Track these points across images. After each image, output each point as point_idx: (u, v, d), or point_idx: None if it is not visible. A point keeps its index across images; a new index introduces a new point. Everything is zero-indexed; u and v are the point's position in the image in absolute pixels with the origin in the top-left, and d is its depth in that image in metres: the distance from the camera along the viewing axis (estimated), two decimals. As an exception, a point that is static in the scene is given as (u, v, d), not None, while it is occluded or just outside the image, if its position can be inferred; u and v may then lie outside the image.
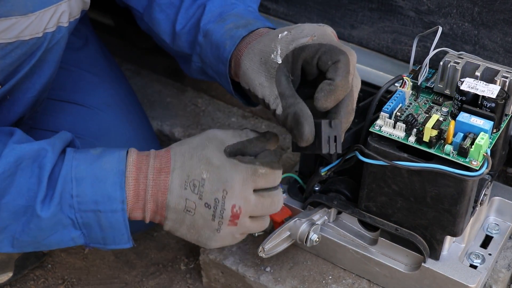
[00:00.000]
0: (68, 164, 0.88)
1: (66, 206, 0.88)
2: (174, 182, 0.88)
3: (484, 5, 1.08)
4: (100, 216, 0.88)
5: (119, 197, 0.87)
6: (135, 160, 0.90)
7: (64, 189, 0.87)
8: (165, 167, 0.89)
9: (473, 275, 0.99)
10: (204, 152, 0.89)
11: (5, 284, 1.24)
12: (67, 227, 0.89)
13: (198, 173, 0.88)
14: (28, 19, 0.90)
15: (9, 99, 1.00)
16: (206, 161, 0.88)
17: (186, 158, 0.89)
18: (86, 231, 0.90)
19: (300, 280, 1.07)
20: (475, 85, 0.92)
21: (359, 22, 1.22)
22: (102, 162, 0.88)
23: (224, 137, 0.91)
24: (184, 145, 0.91)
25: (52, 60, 0.99)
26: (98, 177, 0.87)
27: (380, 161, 0.93)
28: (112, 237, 0.91)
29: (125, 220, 0.89)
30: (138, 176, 0.89)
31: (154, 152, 0.92)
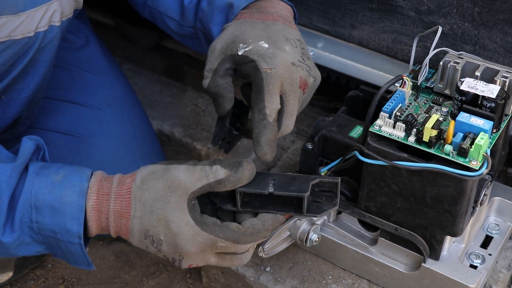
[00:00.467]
0: (28, 191, 0.85)
1: (26, 228, 0.86)
2: (135, 229, 0.86)
3: (484, 5, 1.08)
4: (59, 242, 0.87)
5: (76, 232, 0.85)
6: (94, 203, 0.86)
7: (24, 214, 0.85)
8: (125, 212, 0.85)
9: (473, 275, 0.99)
10: (164, 211, 0.84)
11: (5, 283, 1.24)
12: (31, 244, 0.88)
13: (156, 233, 0.85)
14: (19, 18, 0.90)
15: (3, 100, 1.00)
16: (165, 223, 0.84)
17: (146, 211, 0.85)
18: (49, 246, 0.89)
19: (300, 280, 1.07)
20: (475, 85, 0.92)
21: (359, 22, 1.22)
22: (62, 195, 0.85)
23: (188, 183, 0.84)
24: (145, 191, 0.85)
25: (45, 60, 0.99)
26: (56, 209, 0.85)
27: (379, 161, 0.93)
28: (73, 259, 0.90)
29: (83, 251, 0.87)
30: (100, 217, 0.86)
31: (115, 189, 0.86)
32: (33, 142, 0.89)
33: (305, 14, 1.28)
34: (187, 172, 0.84)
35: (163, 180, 0.85)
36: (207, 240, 0.84)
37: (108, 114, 1.25)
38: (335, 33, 1.27)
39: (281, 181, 0.86)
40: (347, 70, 1.27)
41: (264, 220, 0.85)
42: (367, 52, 1.25)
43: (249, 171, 0.85)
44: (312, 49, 1.30)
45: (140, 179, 0.86)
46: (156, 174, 0.86)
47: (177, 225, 0.83)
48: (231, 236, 0.83)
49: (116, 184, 0.86)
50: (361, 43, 1.24)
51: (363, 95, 1.11)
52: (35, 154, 0.90)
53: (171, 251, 0.85)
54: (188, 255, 0.85)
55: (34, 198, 0.85)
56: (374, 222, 1.01)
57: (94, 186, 0.86)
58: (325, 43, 1.30)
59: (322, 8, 1.26)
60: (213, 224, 0.84)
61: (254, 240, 0.85)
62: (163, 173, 0.85)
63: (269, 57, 0.91)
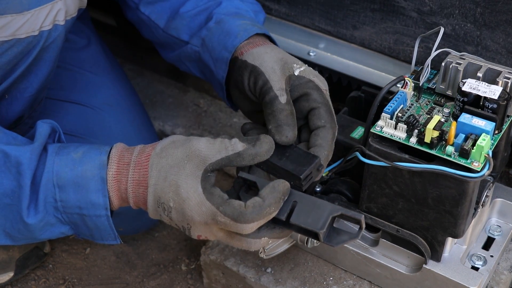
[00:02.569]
0: (50, 171, 0.86)
1: (51, 209, 0.87)
2: (150, 198, 0.87)
3: (486, 5, 1.07)
4: (85, 218, 0.88)
5: (102, 204, 0.87)
6: (114, 173, 0.87)
7: (48, 194, 0.86)
8: (143, 180, 0.87)
9: (475, 277, 0.99)
10: (177, 176, 0.84)
11: (6, 284, 1.24)
12: (55, 225, 0.89)
13: (167, 200, 0.85)
14: (24, 17, 0.90)
15: (7, 98, 1.01)
16: (175, 189, 0.84)
17: (160, 177, 0.85)
18: (74, 226, 0.90)
19: (301, 281, 1.07)
20: (477, 86, 0.92)
21: (361, 23, 1.22)
22: (84, 170, 0.86)
23: (208, 154, 0.85)
24: (163, 158, 0.86)
25: (49, 59, 0.99)
26: (80, 185, 0.86)
27: (380, 162, 0.93)
28: (99, 235, 0.91)
29: (110, 223, 0.88)
30: (120, 187, 0.88)
31: (135, 158, 0.88)
32: (48, 125, 0.91)
33: (307, 15, 1.28)
34: (208, 144, 0.85)
35: (182, 149, 0.86)
36: (209, 211, 0.83)
37: (109, 114, 1.25)
38: (337, 34, 1.27)
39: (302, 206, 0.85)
40: (348, 70, 1.27)
41: (264, 195, 0.83)
42: (369, 53, 1.25)
43: (267, 144, 0.85)
44: (314, 49, 1.30)
45: (160, 147, 0.87)
46: (176, 143, 0.87)
47: (186, 190, 0.84)
48: (230, 212, 0.82)
49: (136, 153, 0.88)
50: (363, 44, 1.24)
51: (364, 96, 1.11)
52: (51, 136, 0.91)
53: (180, 219, 0.86)
54: (195, 225, 0.86)
55: (56, 177, 0.86)
56: (376, 223, 1.01)
57: (114, 156, 0.88)
58: (327, 44, 1.29)
59: (324, 9, 1.25)
60: (218, 197, 0.84)
61: (256, 218, 0.83)
62: (183, 143, 0.87)
63: (321, 80, 0.95)
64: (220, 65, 1.01)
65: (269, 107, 0.91)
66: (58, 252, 1.30)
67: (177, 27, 1.09)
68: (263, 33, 1.02)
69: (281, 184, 0.84)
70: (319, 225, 0.83)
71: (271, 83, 0.92)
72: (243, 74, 0.96)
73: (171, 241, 1.32)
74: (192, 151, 0.85)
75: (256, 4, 1.13)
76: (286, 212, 0.85)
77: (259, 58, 0.95)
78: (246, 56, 0.97)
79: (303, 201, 0.85)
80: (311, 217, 0.84)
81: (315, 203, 0.85)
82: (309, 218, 0.84)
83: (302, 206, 0.85)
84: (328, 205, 0.85)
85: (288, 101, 0.91)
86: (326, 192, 1.06)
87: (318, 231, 0.82)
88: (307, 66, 0.96)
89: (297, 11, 1.30)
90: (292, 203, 0.85)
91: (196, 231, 0.87)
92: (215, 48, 1.03)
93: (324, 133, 0.91)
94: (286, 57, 0.96)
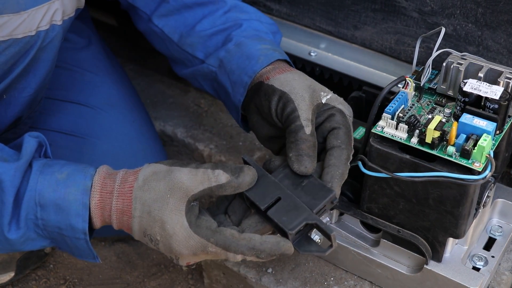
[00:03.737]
0: (32, 189, 0.86)
1: (32, 225, 0.88)
2: (135, 227, 0.88)
3: (488, 6, 1.07)
4: (65, 238, 0.89)
5: (81, 229, 0.87)
6: (97, 201, 0.87)
7: (29, 212, 0.87)
8: (126, 210, 0.87)
9: (476, 278, 0.99)
10: (161, 212, 0.85)
11: (7, 284, 1.24)
12: (36, 239, 0.90)
13: (154, 233, 0.86)
14: (21, 17, 0.90)
15: (5, 99, 1.01)
16: (161, 225, 0.85)
17: (144, 210, 0.86)
18: (54, 241, 0.91)
19: (301, 282, 1.07)
20: (478, 86, 0.92)
21: (362, 23, 1.22)
22: (66, 192, 0.87)
23: (190, 185, 0.84)
24: (146, 192, 0.86)
25: (47, 59, 0.99)
26: (61, 207, 0.86)
27: (382, 173, 0.92)
28: (79, 253, 0.91)
29: (89, 245, 0.89)
30: (103, 213, 0.88)
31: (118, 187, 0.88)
32: (35, 140, 0.91)
33: (308, 15, 1.28)
34: (190, 175, 0.85)
35: (164, 183, 0.86)
36: (198, 244, 0.84)
37: (110, 114, 1.25)
38: (338, 34, 1.26)
39: (282, 204, 0.86)
40: (349, 71, 1.27)
41: (265, 241, 0.84)
42: (370, 53, 1.25)
43: (250, 177, 0.86)
44: (314, 49, 1.30)
45: (142, 178, 0.87)
46: (158, 175, 0.87)
47: (172, 227, 0.84)
48: (221, 242, 0.84)
49: (119, 182, 0.88)
50: (364, 44, 1.24)
51: (365, 96, 1.11)
52: (38, 151, 0.91)
53: (168, 251, 0.87)
54: (183, 257, 0.87)
55: (38, 196, 0.86)
56: (376, 224, 1.01)
57: (97, 184, 0.88)
58: (328, 44, 1.29)
59: (325, 9, 1.25)
60: (206, 228, 0.85)
61: (245, 253, 0.84)
62: (165, 175, 0.86)
63: (346, 107, 0.95)
64: (238, 88, 1.01)
65: (293, 136, 0.91)
66: (59, 252, 1.30)
67: (193, 44, 1.09)
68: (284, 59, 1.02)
69: (286, 246, 0.84)
70: (291, 226, 0.84)
71: (299, 112, 0.92)
72: (271, 100, 0.95)
73: (171, 241, 1.32)
74: (174, 184, 0.85)
75: (273, 25, 1.13)
76: (267, 203, 0.86)
77: (288, 84, 0.95)
78: (273, 81, 0.96)
79: (287, 199, 0.87)
80: (287, 216, 0.85)
81: (296, 205, 0.86)
82: (285, 216, 0.85)
83: (284, 204, 0.86)
84: (307, 211, 0.86)
85: (312, 133, 0.91)
86: (327, 192, 1.06)
87: (288, 231, 0.84)
88: (333, 93, 0.96)
89: (298, 11, 1.29)
90: (276, 197, 0.87)
91: (185, 260, 0.88)
92: (234, 71, 1.02)
93: (339, 152, 0.91)
94: (314, 84, 0.96)
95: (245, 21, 1.08)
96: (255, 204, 0.87)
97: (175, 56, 1.14)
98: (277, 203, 0.87)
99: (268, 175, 0.89)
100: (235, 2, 1.11)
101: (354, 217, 1.03)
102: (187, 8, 1.11)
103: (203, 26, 1.09)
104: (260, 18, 1.11)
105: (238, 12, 1.10)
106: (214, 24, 1.08)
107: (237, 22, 1.08)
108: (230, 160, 1.32)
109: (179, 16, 1.11)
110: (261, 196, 0.87)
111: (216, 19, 1.09)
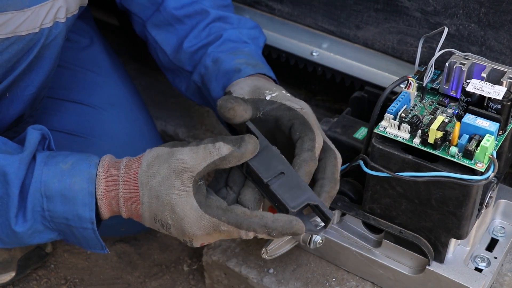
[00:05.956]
0: (37, 180, 0.86)
1: (39, 217, 0.88)
2: (145, 214, 0.87)
3: (490, 6, 1.07)
4: (72, 229, 0.88)
5: (88, 218, 0.87)
6: (104, 190, 0.87)
7: (36, 204, 0.87)
8: (134, 197, 0.87)
9: (478, 279, 0.98)
10: (169, 195, 0.84)
11: (7, 283, 1.24)
12: (44, 232, 0.89)
13: (164, 217, 0.86)
14: (24, 14, 0.90)
15: (7, 96, 1.01)
16: (171, 208, 0.85)
17: (152, 195, 0.85)
18: (62, 233, 0.90)
19: (303, 282, 1.07)
20: (481, 86, 0.91)
21: (364, 23, 1.22)
22: (72, 182, 0.86)
23: (193, 164, 0.84)
24: (151, 177, 0.86)
25: (50, 57, 0.99)
26: (67, 197, 0.86)
27: (383, 173, 0.92)
28: (87, 244, 0.91)
29: (97, 235, 0.89)
30: (111, 203, 0.88)
31: (123, 175, 0.87)
32: (38, 132, 0.91)
33: (310, 15, 1.28)
34: (191, 154, 0.85)
35: (168, 165, 0.85)
36: (210, 223, 0.84)
37: (112, 114, 1.25)
38: (340, 34, 1.26)
39: (285, 179, 0.85)
40: (352, 71, 1.26)
41: (277, 219, 0.84)
42: (372, 53, 1.24)
43: (252, 145, 0.85)
44: (316, 49, 1.30)
45: (146, 163, 0.87)
46: (161, 158, 0.86)
47: (182, 209, 0.84)
48: (233, 220, 0.84)
49: (123, 170, 0.88)
50: (366, 44, 1.24)
51: (368, 96, 1.11)
52: (41, 143, 0.91)
53: (180, 234, 0.87)
54: (195, 237, 0.87)
55: (44, 187, 0.86)
56: (379, 224, 1.00)
57: (102, 173, 0.88)
58: (330, 44, 1.29)
59: (327, 9, 1.25)
60: (217, 207, 0.84)
61: (257, 230, 0.84)
62: (167, 157, 0.86)
63: (296, 101, 0.95)
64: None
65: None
66: (60, 252, 1.30)
67: (181, 60, 1.13)
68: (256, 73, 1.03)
69: (299, 225, 0.83)
70: (293, 204, 0.84)
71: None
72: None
73: (173, 241, 1.32)
74: (177, 165, 0.85)
75: (255, 28, 1.16)
76: (271, 177, 0.85)
77: (234, 86, 0.98)
78: (229, 87, 1.00)
79: (290, 176, 0.86)
80: (290, 193, 0.84)
81: (299, 183, 0.86)
82: (288, 193, 0.84)
83: (287, 180, 0.85)
84: (310, 191, 0.85)
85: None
86: (329, 192, 1.05)
87: (290, 208, 0.83)
88: (282, 91, 0.96)
89: (300, 11, 1.29)
90: (279, 171, 0.86)
91: (199, 241, 0.88)
92: (215, 88, 1.05)
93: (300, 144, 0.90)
94: (263, 84, 0.97)
95: (225, 31, 1.10)
96: (258, 175, 0.85)
97: (167, 66, 1.17)
98: (280, 178, 0.85)
99: (271, 147, 0.88)
100: (218, 12, 1.14)
101: (356, 217, 1.03)
102: (178, 20, 1.13)
103: (190, 42, 1.12)
104: (241, 26, 1.13)
105: (221, 22, 1.13)
106: (199, 39, 1.11)
107: (218, 34, 1.11)
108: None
109: (171, 28, 1.14)
110: (264, 168, 0.85)
111: (200, 32, 1.12)
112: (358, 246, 1.05)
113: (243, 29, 1.13)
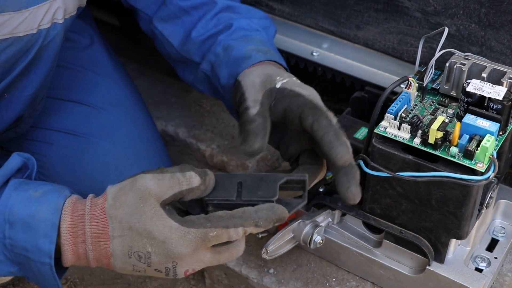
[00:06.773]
0: (4, 204, 0.83)
1: (0, 244, 0.84)
2: (116, 250, 0.83)
3: (491, 6, 1.07)
4: (31, 262, 0.84)
5: (47, 251, 0.82)
6: (69, 225, 0.83)
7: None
8: (103, 233, 0.82)
9: (479, 279, 0.98)
10: (142, 223, 0.81)
11: (8, 283, 1.24)
12: (4, 263, 0.85)
13: (142, 246, 0.82)
14: (22, 15, 0.90)
15: (6, 97, 1.00)
16: (148, 235, 0.81)
17: (124, 228, 0.82)
18: (21, 267, 0.86)
19: (303, 282, 1.07)
20: (481, 86, 0.91)
21: (364, 23, 1.22)
22: (36, 210, 0.82)
23: (159, 191, 0.82)
24: (119, 209, 0.82)
25: (48, 58, 0.99)
26: (30, 225, 0.82)
27: (383, 172, 0.92)
28: (43, 283, 0.86)
29: (53, 273, 0.84)
30: (76, 241, 0.83)
31: (89, 211, 0.83)
32: (21, 159, 0.88)
33: (310, 15, 1.28)
34: (155, 180, 0.83)
35: (132, 193, 0.83)
36: (197, 236, 0.82)
37: (112, 114, 1.25)
38: (341, 34, 1.26)
39: (248, 184, 0.86)
40: (352, 71, 1.26)
41: (259, 209, 0.83)
42: (372, 53, 1.24)
43: (213, 180, 0.85)
44: (317, 49, 1.30)
45: (111, 197, 0.84)
46: (124, 189, 0.84)
47: (161, 232, 0.82)
48: (219, 222, 0.82)
49: (89, 206, 0.84)
50: (367, 44, 1.24)
51: (368, 96, 1.11)
52: (21, 171, 0.89)
53: (163, 260, 0.83)
54: (181, 259, 0.83)
55: (9, 212, 0.83)
56: (379, 225, 1.00)
57: (68, 207, 0.84)
58: (330, 44, 1.29)
59: (327, 9, 1.25)
60: (198, 219, 0.83)
61: (244, 223, 0.82)
62: (131, 186, 0.84)
63: (305, 88, 0.94)
64: (228, 91, 1.03)
65: (241, 118, 0.91)
66: (60, 252, 1.30)
67: (190, 51, 1.11)
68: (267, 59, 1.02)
69: (281, 209, 0.83)
70: (271, 194, 0.85)
71: (247, 94, 0.93)
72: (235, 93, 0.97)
73: (173, 241, 1.32)
74: (141, 191, 0.82)
75: (265, 19, 1.14)
76: (234, 193, 0.85)
77: (246, 75, 0.96)
78: (240, 76, 0.98)
79: (248, 179, 0.87)
80: (260, 190, 0.85)
81: (259, 177, 0.86)
82: (259, 191, 0.85)
83: (249, 183, 0.86)
84: (271, 175, 0.87)
85: (260, 113, 0.90)
86: (330, 192, 1.05)
87: (272, 199, 0.84)
88: (293, 78, 0.96)
89: (300, 11, 1.29)
90: (237, 184, 0.86)
91: (183, 266, 0.84)
92: (224, 75, 1.03)
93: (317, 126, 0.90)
94: (273, 72, 0.96)
95: (235, 20, 1.09)
96: (224, 202, 0.85)
97: (175, 58, 1.15)
98: (242, 187, 0.86)
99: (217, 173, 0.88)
100: (226, 2, 1.12)
101: (356, 217, 1.03)
102: (184, 12, 1.12)
103: (198, 31, 1.10)
104: (251, 16, 1.12)
105: (229, 12, 1.11)
106: (207, 29, 1.09)
107: (228, 23, 1.08)
108: (232, 160, 1.31)
109: (178, 20, 1.13)
110: (223, 192, 0.85)
111: (208, 22, 1.10)
112: (358, 246, 1.05)
113: (253, 19, 1.11)
